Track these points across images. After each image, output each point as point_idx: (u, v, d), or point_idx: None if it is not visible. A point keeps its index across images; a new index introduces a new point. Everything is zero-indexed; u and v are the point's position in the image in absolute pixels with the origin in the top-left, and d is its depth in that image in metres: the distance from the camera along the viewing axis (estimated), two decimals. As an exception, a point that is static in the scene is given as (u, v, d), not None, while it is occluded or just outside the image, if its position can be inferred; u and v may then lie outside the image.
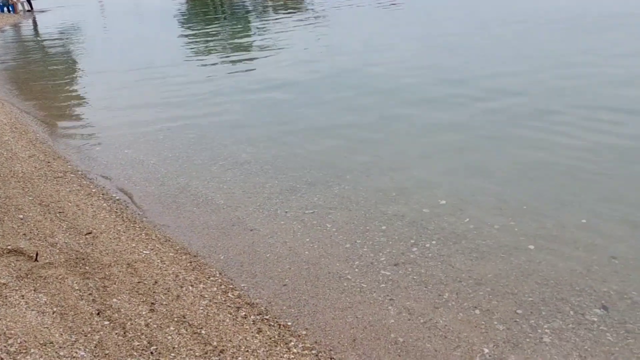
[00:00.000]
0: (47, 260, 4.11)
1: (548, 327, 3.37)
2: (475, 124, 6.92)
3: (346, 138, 6.87)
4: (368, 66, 10.30)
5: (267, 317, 3.59)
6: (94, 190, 5.82)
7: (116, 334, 3.27)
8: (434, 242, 4.40)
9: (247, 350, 3.20)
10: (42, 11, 33.28)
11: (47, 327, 3.27)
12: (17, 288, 3.66)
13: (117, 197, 5.66)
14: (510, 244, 4.28)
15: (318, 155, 6.39)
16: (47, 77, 13.04)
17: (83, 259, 4.19)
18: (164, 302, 3.65)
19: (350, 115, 7.66)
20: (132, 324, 3.38)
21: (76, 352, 3.06)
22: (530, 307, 3.55)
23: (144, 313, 3.51)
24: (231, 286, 3.98)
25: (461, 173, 5.61)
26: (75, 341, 3.15)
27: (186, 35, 16.47)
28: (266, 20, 17.78)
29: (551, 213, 4.67)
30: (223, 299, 3.77)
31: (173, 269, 4.18)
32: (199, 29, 17.04)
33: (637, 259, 3.95)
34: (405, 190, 5.34)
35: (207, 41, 14.71)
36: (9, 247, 4.26)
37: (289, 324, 3.54)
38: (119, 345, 3.15)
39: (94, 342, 3.16)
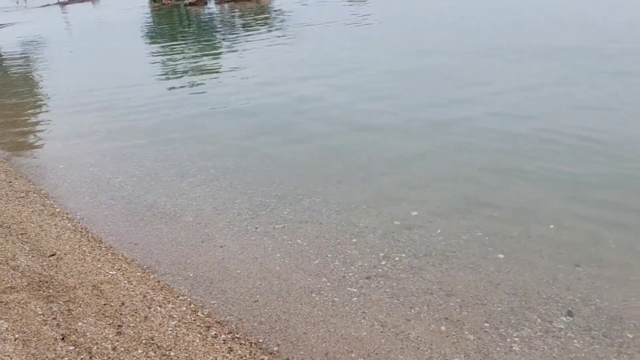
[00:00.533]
0: (9, 285, 3.98)
1: (517, 335, 3.42)
2: (441, 135, 7.02)
3: (316, 151, 6.89)
4: (335, 82, 10.33)
5: (237, 335, 3.54)
6: (57, 210, 5.67)
7: (82, 359, 3.17)
8: (404, 254, 4.43)
9: (218, 371, 3.15)
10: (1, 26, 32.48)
11: (9, 356, 3.15)
12: (-24, 314, 3.53)
13: (82, 217, 5.53)
14: (479, 253, 4.34)
15: (288, 169, 6.39)
16: (7, 95, 12.70)
17: (47, 282, 4.07)
18: (132, 324, 3.57)
19: (319, 129, 7.69)
20: (98, 348, 3.29)
21: (39, 380, 2.95)
22: (500, 316, 3.60)
23: (110, 336, 3.42)
24: (201, 304, 3.92)
25: (431, 184, 5.68)
26: (38, 368, 3.04)
27: (152, 52, 16.29)
28: (233, 35, 17.72)
29: (518, 221, 4.76)
30: (192, 319, 3.70)
31: (140, 289, 4.09)
32: (165, 45, 16.89)
33: (599, 265, 4.05)
34: (376, 202, 5.37)
35: (173, 58, 14.58)
36: (-33, 272, 4.11)
37: (261, 340, 3.50)
38: (84, 371, 3.06)
39: (58, 369, 3.06)
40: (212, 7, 29.25)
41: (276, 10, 24.59)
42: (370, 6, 22.43)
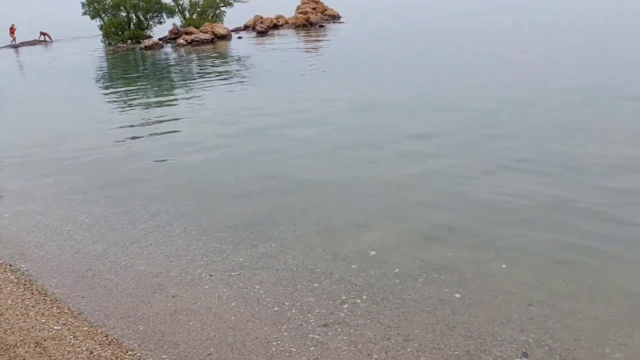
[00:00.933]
0: (-60, 346, 3.70)
1: (475, 380, 3.41)
2: (396, 176, 7.12)
3: (271, 195, 6.86)
4: (288, 126, 10.32)
5: (190, 392, 3.38)
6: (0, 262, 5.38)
7: None
8: (362, 299, 4.40)
9: None
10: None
11: None
12: None
13: (26, 269, 5.26)
14: (435, 296, 4.36)
15: (243, 213, 6.32)
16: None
17: (-16, 341, 3.81)
18: (76, 385, 3.36)
19: (274, 174, 7.66)
20: (38, 412, 3.07)
21: None
22: (457, 360, 3.59)
23: (52, 399, 3.20)
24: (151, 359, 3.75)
25: (386, 224, 5.73)
26: None
27: (105, 97, 16.03)
28: (188, 81, 17.59)
29: (472, 261, 4.83)
30: (142, 376, 3.53)
31: (87, 344, 3.89)
32: (119, 91, 16.68)
33: (550, 304, 4.14)
34: (332, 245, 5.35)
35: (127, 103, 14.36)
36: None
37: (215, 397, 3.36)
38: None
39: None
40: (168, 50, 29.26)
41: (233, 55, 24.84)
42: (325, 55, 23.01)
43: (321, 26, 37.09)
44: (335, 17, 42.11)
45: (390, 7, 47.83)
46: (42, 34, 39.79)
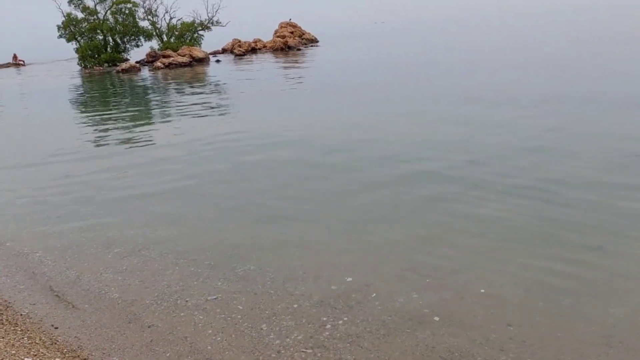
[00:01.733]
0: None
1: (456, 402, 3.38)
2: (373, 200, 7.13)
3: (250, 217, 6.79)
4: (266, 151, 10.32)
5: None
6: (-33, 291, 5.19)
7: None
8: (343, 320, 4.35)
9: None
10: None
11: None
12: None
13: (-5, 298, 5.08)
14: (415, 317, 4.33)
15: (221, 236, 6.24)
16: None
17: (-53, 376, 3.65)
18: (45, 419, 3.22)
19: (252, 196, 7.62)
20: None
21: None
22: (438, 383, 3.56)
23: None
24: (126, 392, 3.63)
25: (366, 248, 5.70)
26: None
27: (80, 121, 15.83)
28: (164, 105, 17.42)
29: (451, 283, 4.83)
30: (116, 408, 3.40)
31: (58, 377, 3.74)
32: (93, 115, 16.49)
33: (529, 324, 4.14)
34: (312, 267, 5.30)
35: (102, 128, 14.19)
36: None
37: None
38: None
39: None
40: (145, 74, 29.13)
41: (211, 79, 24.80)
42: (302, 78, 23.18)
43: (299, 50, 37.50)
44: (313, 41, 42.62)
45: (367, 32, 48.62)
46: (15, 57, 39.40)
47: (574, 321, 4.15)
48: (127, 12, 34.87)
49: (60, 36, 35.06)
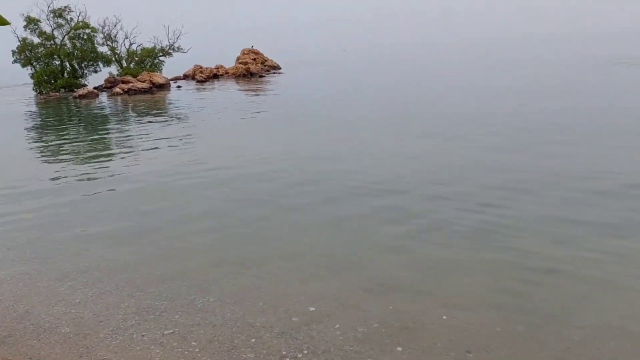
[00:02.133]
0: None
1: None
2: (334, 229, 7.14)
3: (208, 246, 6.68)
4: (226, 181, 10.21)
5: None
6: None
7: None
8: (303, 353, 4.28)
9: None
10: None
11: None
12: None
13: None
14: (377, 347, 4.31)
15: (179, 267, 6.08)
16: None
17: None
18: None
19: (209, 224, 7.49)
20: None
21: None
22: (399, 413, 3.53)
23: None
24: None
25: (326, 276, 5.67)
26: None
27: (36, 148, 15.39)
28: (121, 132, 17.09)
29: (411, 311, 4.84)
30: None
31: (2, 420, 3.53)
32: (49, 144, 16.05)
33: (487, 350, 4.19)
34: (272, 298, 5.22)
35: (53, 155, 13.81)
36: None
37: None
38: None
39: None
40: (104, 100, 28.61)
41: (171, 106, 24.52)
42: (262, 105, 23.27)
43: (261, 76, 37.70)
44: (275, 68, 42.98)
45: (330, 60, 49.39)
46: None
47: (530, 345, 4.22)
48: (85, 37, 34.31)
49: (15, 61, 34.12)
